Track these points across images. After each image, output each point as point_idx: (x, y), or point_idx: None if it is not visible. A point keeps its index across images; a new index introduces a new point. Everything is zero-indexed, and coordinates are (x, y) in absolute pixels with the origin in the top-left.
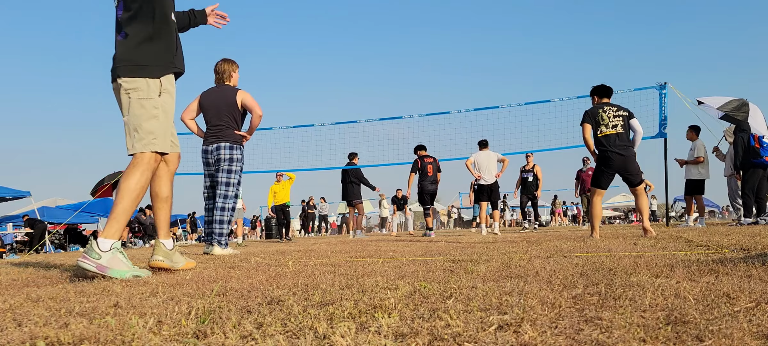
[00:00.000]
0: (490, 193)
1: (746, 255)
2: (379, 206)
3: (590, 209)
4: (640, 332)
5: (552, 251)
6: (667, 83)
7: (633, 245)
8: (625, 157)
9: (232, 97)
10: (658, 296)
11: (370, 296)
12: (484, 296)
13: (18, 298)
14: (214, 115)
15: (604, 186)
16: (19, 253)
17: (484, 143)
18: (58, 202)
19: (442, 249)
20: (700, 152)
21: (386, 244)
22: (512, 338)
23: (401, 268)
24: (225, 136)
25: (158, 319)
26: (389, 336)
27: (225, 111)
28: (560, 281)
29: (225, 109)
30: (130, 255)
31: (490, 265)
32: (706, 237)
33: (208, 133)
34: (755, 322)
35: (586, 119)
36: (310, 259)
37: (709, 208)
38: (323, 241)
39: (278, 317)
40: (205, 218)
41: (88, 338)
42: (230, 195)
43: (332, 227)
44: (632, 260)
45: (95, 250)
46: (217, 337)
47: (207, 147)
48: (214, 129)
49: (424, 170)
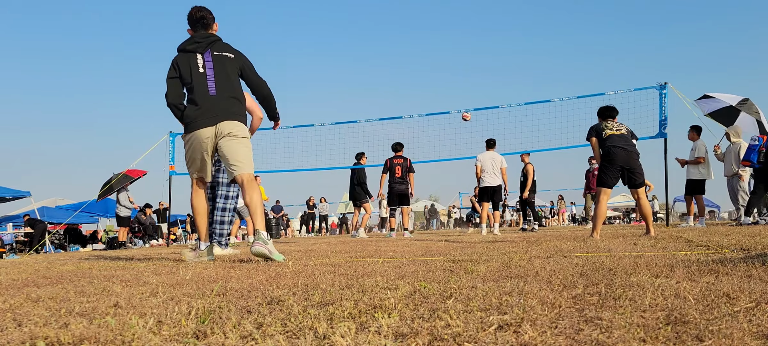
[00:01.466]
0: (492, 194)
1: (746, 255)
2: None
3: (596, 209)
4: (640, 332)
5: (552, 251)
6: (667, 83)
7: (633, 245)
8: (629, 152)
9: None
10: (658, 296)
11: (370, 296)
12: (484, 296)
13: (18, 298)
14: None
15: (610, 184)
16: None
17: (491, 143)
18: (58, 202)
19: (442, 249)
20: (700, 152)
21: (386, 244)
22: (512, 338)
23: (401, 268)
24: None
25: (158, 319)
26: (389, 336)
27: None
28: (560, 281)
29: None
30: (130, 254)
31: (490, 265)
32: (706, 237)
33: None
34: (755, 322)
35: (591, 133)
36: (310, 259)
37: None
38: (323, 241)
39: (278, 317)
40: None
41: (88, 338)
42: (231, 195)
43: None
44: (632, 260)
45: (263, 238)
46: (217, 337)
47: None
48: None
49: (392, 171)
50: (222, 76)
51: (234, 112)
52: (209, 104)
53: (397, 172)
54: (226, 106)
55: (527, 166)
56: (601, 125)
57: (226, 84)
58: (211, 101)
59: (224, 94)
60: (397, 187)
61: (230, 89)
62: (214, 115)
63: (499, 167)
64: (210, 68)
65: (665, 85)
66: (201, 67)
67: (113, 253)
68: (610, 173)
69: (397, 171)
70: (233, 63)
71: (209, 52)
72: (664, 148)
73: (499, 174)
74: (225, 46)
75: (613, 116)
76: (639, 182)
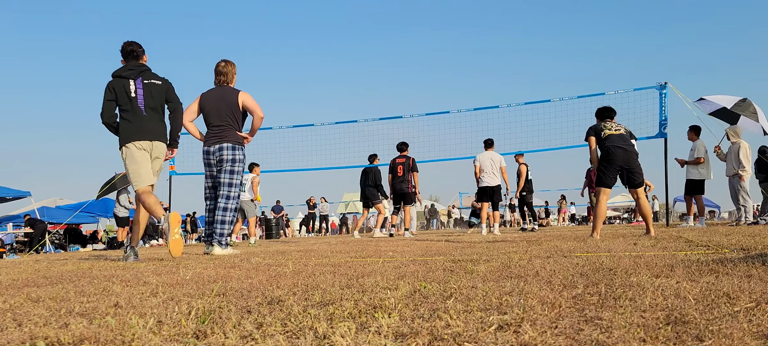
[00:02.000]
0: (492, 194)
1: (746, 255)
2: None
3: (595, 209)
4: (640, 332)
5: (552, 251)
6: (667, 83)
7: (633, 245)
8: (628, 152)
9: (234, 98)
10: (658, 296)
11: (370, 296)
12: (484, 296)
13: (18, 298)
14: (215, 116)
15: (609, 184)
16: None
17: (489, 143)
18: (58, 202)
19: (442, 249)
20: (700, 153)
21: (386, 244)
22: (512, 338)
23: (401, 268)
24: (227, 137)
25: (158, 319)
26: (389, 336)
27: (226, 112)
28: (560, 281)
29: (226, 110)
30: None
31: (490, 265)
32: (706, 237)
33: (210, 134)
34: (755, 322)
35: (589, 133)
36: (310, 259)
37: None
38: (323, 241)
39: (278, 317)
40: (207, 219)
41: (88, 338)
42: (232, 195)
43: (332, 227)
44: (632, 260)
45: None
46: (217, 337)
47: (209, 148)
48: (215, 130)
49: (394, 170)
50: (150, 100)
51: (161, 133)
52: (142, 123)
53: (399, 171)
54: (156, 127)
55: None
56: (599, 126)
57: (154, 107)
58: (143, 120)
59: (153, 116)
60: (397, 186)
61: (157, 112)
62: (148, 132)
63: (498, 167)
64: (141, 94)
65: (665, 85)
66: (133, 92)
67: (113, 253)
68: (609, 172)
69: (398, 170)
70: (160, 88)
71: (140, 79)
72: (664, 149)
73: (499, 173)
74: (153, 75)
75: (612, 116)
76: (638, 182)
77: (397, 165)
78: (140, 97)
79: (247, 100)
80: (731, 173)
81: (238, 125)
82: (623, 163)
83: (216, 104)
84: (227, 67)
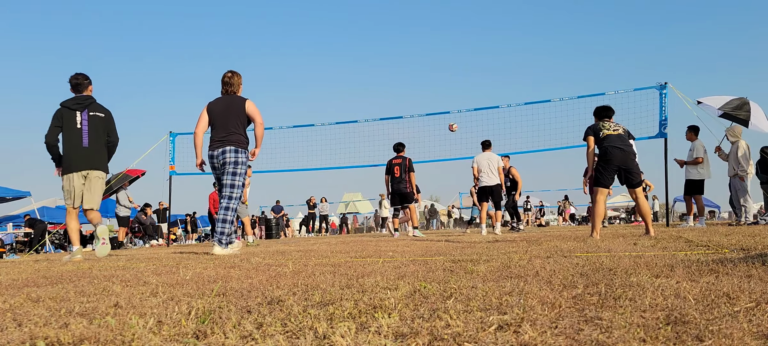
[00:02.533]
0: (491, 194)
1: (746, 255)
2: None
3: (593, 209)
4: (640, 332)
5: (552, 251)
6: (667, 83)
7: (633, 245)
8: (625, 152)
9: (241, 106)
10: (658, 296)
11: (370, 296)
12: (484, 296)
13: (18, 298)
14: (222, 123)
15: (607, 184)
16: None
17: (486, 144)
18: (58, 202)
19: (442, 249)
20: (699, 153)
21: (386, 244)
22: (512, 338)
23: (401, 268)
24: (230, 141)
25: (158, 319)
26: (389, 336)
27: (233, 119)
28: (560, 281)
29: (233, 117)
30: (129, 255)
31: (490, 265)
32: (706, 237)
33: (214, 139)
34: (755, 322)
35: (588, 133)
36: (310, 259)
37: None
38: (323, 241)
39: (278, 317)
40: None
41: (88, 338)
42: (235, 196)
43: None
44: (632, 260)
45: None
46: (217, 337)
47: (213, 152)
48: (220, 134)
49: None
50: (93, 132)
51: (99, 161)
52: (82, 154)
53: (396, 172)
54: (94, 157)
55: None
56: (598, 125)
57: (96, 138)
58: (84, 152)
59: (94, 146)
60: (396, 186)
61: (99, 142)
62: (85, 163)
63: (495, 167)
64: (86, 125)
65: (665, 86)
66: (78, 123)
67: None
68: (607, 172)
69: (396, 171)
70: (103, 120)
71: (86, 111)
72: (664, 149)
73: (497, 173)
74: (98, 107)
75: (610, 116)
76: (636, 182)
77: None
78: (85, 128)
79: (251, 109)
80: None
81: (243, 131)
82: (621, 164)
83: (224, 112)
84: (234, 79)
